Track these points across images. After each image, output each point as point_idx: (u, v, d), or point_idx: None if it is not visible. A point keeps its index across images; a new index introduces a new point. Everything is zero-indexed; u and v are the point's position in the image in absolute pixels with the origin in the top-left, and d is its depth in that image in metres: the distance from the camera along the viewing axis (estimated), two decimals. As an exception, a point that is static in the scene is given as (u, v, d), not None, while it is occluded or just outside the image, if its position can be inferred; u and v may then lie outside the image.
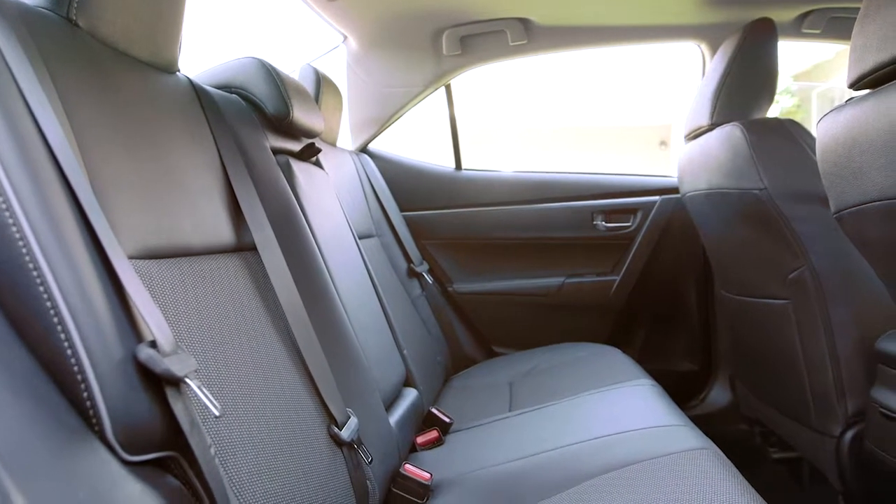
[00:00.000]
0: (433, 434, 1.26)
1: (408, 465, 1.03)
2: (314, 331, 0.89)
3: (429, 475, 1.02)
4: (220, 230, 0.81)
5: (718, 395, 1.96)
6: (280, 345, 0.82)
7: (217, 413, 0.52)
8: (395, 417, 1.15)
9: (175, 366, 0.50)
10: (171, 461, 0.50)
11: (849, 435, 1.28)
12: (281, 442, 0.71)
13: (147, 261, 0.64)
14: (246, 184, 0.90)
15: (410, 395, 1.30)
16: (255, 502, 0.62)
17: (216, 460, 0.55)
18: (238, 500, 0.60)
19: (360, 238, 1.47)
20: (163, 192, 0.70)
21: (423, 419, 1.34)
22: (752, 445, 1.81)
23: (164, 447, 0.49)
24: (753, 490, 0.79)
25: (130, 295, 0.51)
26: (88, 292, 0.47)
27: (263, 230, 0.88)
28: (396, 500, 0.99)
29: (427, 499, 0.99)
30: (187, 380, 0.51)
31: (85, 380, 0.44)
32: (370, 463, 0.90)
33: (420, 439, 1.24)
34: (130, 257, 0.61)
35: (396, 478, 1.01)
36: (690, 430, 1.00)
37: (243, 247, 0.86)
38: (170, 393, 0.50)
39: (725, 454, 0.91)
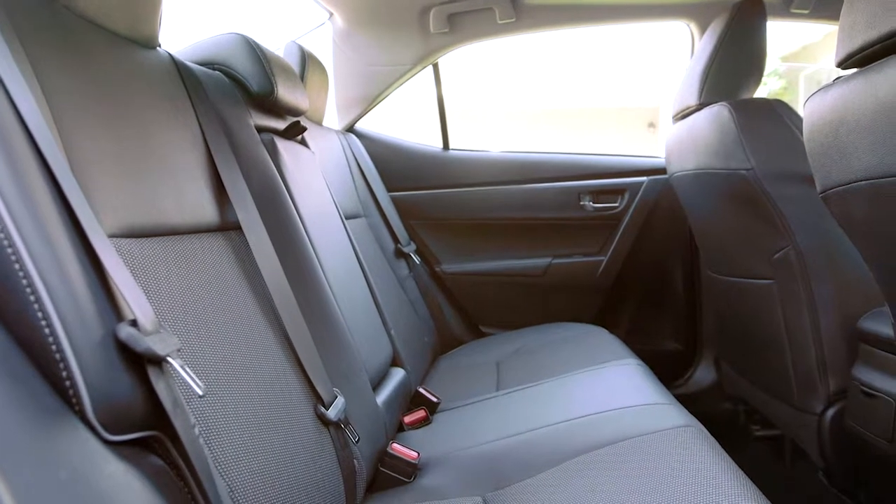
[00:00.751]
0: (420, 413, 1.26)
1: (395, 445, 1.04)
2: (300, 311, 0.88)
3: (416, 454, 1.02)
4: (204, 209, 0.80)
5: (703, 375, 1.98)
6: (265, 325, 0.81)
7: (201, 392, 0.51)
8: (382, 397, 1.15)
9: (157, 345, 0.49)
10: (155, 441, 0.50)
11: (830, 412, 1.30)
12: (267, 421, 0.71)
13: (128, 239, 0.63)
14: (230, 162, 0.89)
15: (398, 374, 1.31)
16: (240, 482, 0.61)
17: (200, 440, 0.54)
18: (224, 479, 0.59)
19: (346, 218, 1.46)
20: (144, 170, 0.69)
21: (410, 399, 1.34)
22: (736, 423, 1.84)
23: (146, 427, 0.49)
24: (736, 466, 0.80)
25: (110, 273, 0.50)
26: (66, 270, 0.46)
27: (248, 209, 0.87)
28: (384, 479, 1.00)
29: (414, 477, 1.00)
30: (169, 359, 0.50)
31: (64, 359, 0.43)
32: (357, 442, 0.90)
33: (407, 419, 1.25)
34: (111, 236, 0.60)
35: (384, 457, 1.01)
36: (675, 408, 1.01)
37: (227, 226, 0.84)
38: (152, 372, 0.49)
39: (710, 432, 0.92)
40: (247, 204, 0.88)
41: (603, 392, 1.15)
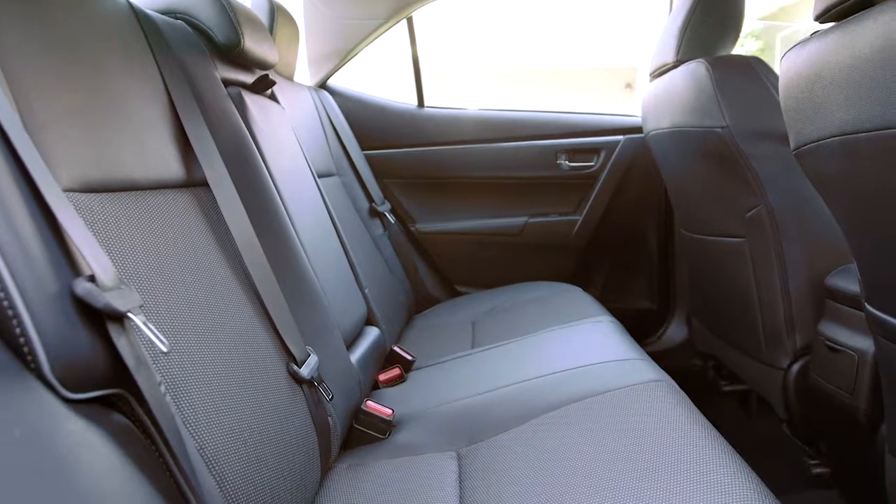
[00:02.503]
0: (395, 371, 1.27)
1: (370, 402, 1.04)
2: (271, 269, 0.87)
3: (390, 411, 1.02)
4: (168, 164, 0.77)
5: (675, 332, 2.01)
6: (235, 282, 0.80)
7: (165, 349, 0.50)
8: (356, 355, 1.15)
9: (117, 300, 0.47)
10: (119, 399, 0.49)
11: (795, 367, 1.34)
12: (237, 379, 0.70)
13: (86, 194, 0.60)
14: (194, 115, 0.85)
15: (372, 333, 1.30)
16: (211, 439, 0.61)
17: (167, 397, 0.53)
18: (193, 437, 0.59)
19: (319, 176, 1.44)
20: (101, 123, 0.66)
21: (385, 357, 1.34)
22: (705, 379, 1.88)
23: (108, 384, 0.47)
24: (705, 419, 0.82)
25: (64, 227, 0.48)
26: (16, 224, 0.44)
27: (215, 165, 0.85)
28: (359, 436, 1.00)
29: (389, 434, 1.00)
30: (130, 315, 0.48)
31: (17, 315, 0.42)
32: (331, 400, 0.90)
33: (382, 377, 1.25)
34: (67, 190, 0.57)
35: (358, 414, 1.02)
36: (647, 363, 1.03)
37: (194, 182, 0.82)
38: (112, 329, 0.47)
39: (680, 387, 0.94)
40: (214, 159, 0.85)
41: (576, 349, 1.16)
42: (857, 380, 1.14)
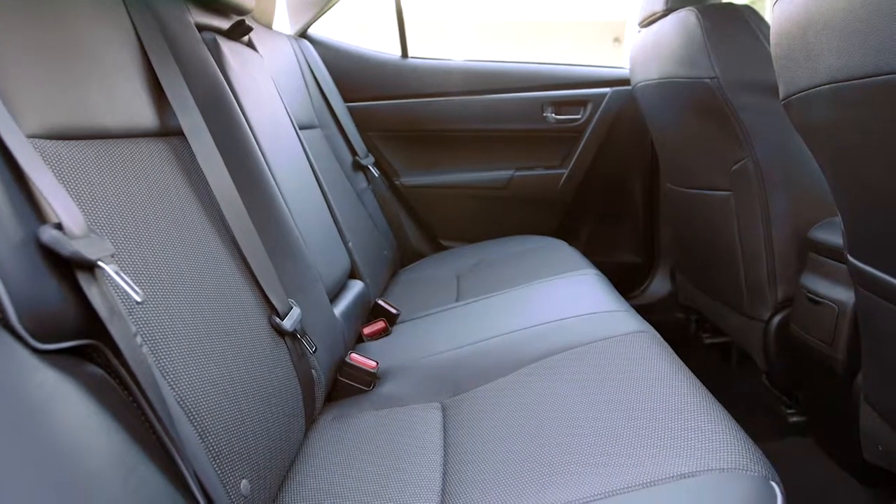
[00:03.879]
0: (379, 324, 1.26)
1: (354, 355, 1.04)
2: (251, 221, 0.85)
3: (375, 363, 1.02)
4: (141, 112, 0.74)
5: (659, 286, 2.03)
6: (214, 234, 0.78)
7: (139, 299, 0.49)
8: (339, 308, 1.14)
9: (86, 248, 0.46)
10: (93, 350, 0.48)
11: (776, 319, 1.35)
12: (218, 331, 0.69)
13: (54, 141, 0.58)
14: (167, 61, 0.82)
15: (356, 286, 1.29)
16: (191, 390, 0.60)
17: (144, 348, 0.52)
18: (172, 388, 0.58)
19: (300, 128, 1.40)
20: (67, 68, 0.63)
21: (369, 311, 1.34)
22: (687, 332, 1.91)
23: (81, 335, 0.46)
24: (687, 368, 0.82)
25: (28, 174, 0.45)
26: (-25, 168, 0.42)
27: (190, 114, 0.82)
28: (343, 388, 1.00)
29: (374, 386, 1.01)
30: (101, 263, 0.47)
31: None
32: (315, 352, 0.90)
33: (366, 330, 1.25)
34: (31, 136, 0.55)
35: (342, 366, 1.01)
36: (630, 314, 1.03)
37: (169, 131, 0.79)
38: (82, 278, 0.46)
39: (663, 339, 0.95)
40: (189, 108, 0.82)
41: (560, 301, 1.16)
42: (836, 331, 1.16)
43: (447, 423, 0.85)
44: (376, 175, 1.87)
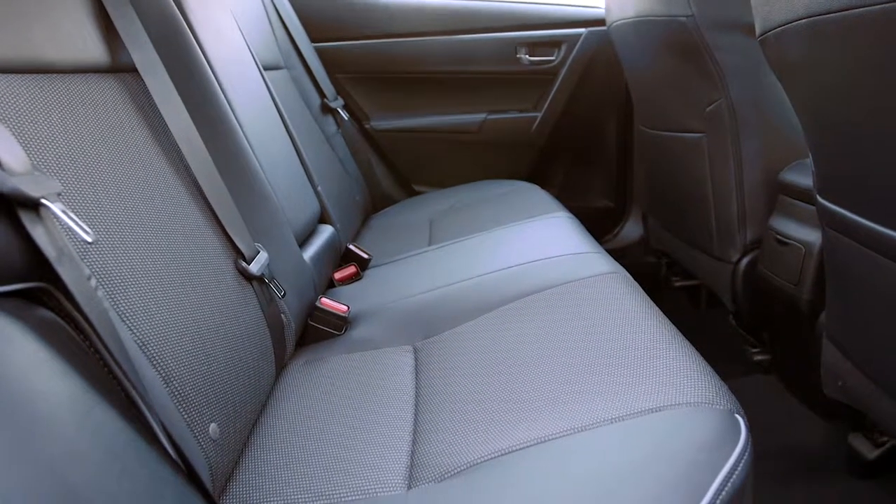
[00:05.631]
0: (351, 269, 1.25)
1: (324, 299, 1.02)
2: (213, 162, 0.81)
3: (346, 308, 1.01)
4: (88, 46, 0.69)
5: (631, 230, 2.04)
6: (174, 175, 0.75)
7: (89, 239, 0.46)
8: (309, 253, 1.12)
9: (27, 186, 0.43)
10: (43, 293, 0.45)
11: (745, 261, 1.37)
12: (180, 274, 0.67)
13: None
14: None
15: (326, 231, 1.27)
16: (153, 335, 0.58)
17: (99, 292, 0.50)
18: (133, 332, 0.56)
19: (265, 69, 1.35)
20: None
21: (340, 256, 1.32)
22: (658, 275, 1.93)
23: (28, 278, 0.44)
24: (656, 308, 0.83)
25: None
26: None
27: (143, 49, 0.77)
28: (314, 333, 1.00)
29: (345, 330, 1.00)
30: (46, 202, 0.44)
31: None
32: (283, 297, 0.88)
33: (337, 275, 1.23)
34: None
35: (313, 311, 1.00)
36: (602, 256, 1.03)
37: (121, 67, 0.75)
38: (26, 218, 0.43)
39: None
40: (142, 43, 0.77)
41: (532, 243, 1.16)
42: (802, 271, 1.18)
43: (419, 366, 0.85)
44: (346, 118, 1.82)
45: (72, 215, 0.46)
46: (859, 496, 1.07)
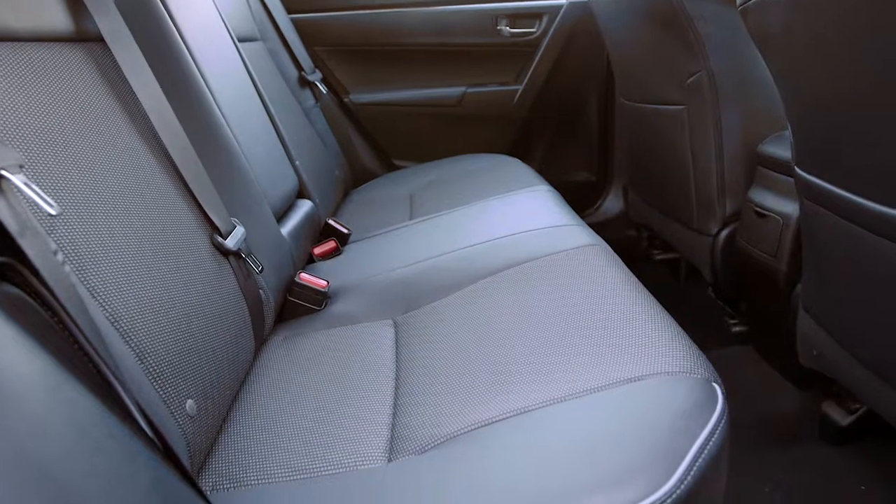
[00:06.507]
0: (330, 244, 1.24)
1: (303, 274, 1.01)
2: (186, 135, 0.79)
3: (325, 283, 1.00)
4: (50, 13, 0.67)
5: (612, 204, 2.04)
6: (145, 148, 0.73)
7: (52, 211, 0.45)
8: (287, 228, 1.11)
9: None
10: (7, 268, 0.44)
11: (724, 233, 1.38)
12: (153, 249, 0.65)
13: None
14: None
15: (304, 206, 1.26)
16: (125, 311, 0.57)
17: (66, 267, 0.49)
18: (104, 308, 0.55)
19: (239, 41, 1.31)
20: None
21: (320, 231, 1.31)
22: (639, 249, 1.94)
23: (-9, 252, 0.42)
24: (636, 279, 0.83)
25: None
26: None
27: (110, 16, 0.74)
28: (293, 308, 0.99)
29: (325, 305, 0.99)
30: (6, 173, 0.42)
31: None
32: (261, 272, 0.87)
33: (317, 250, 1.22)
34: None
35: (292, 287, 0.99)
36: (582, 228, 1.03)
37: (87, 36, 0.72)
38: (-16, 189, 0.42)
39: None
40: (108, 9, 0.74)
41: (513, 217, 1.15)
42: (779, 243, 1.19)
43: (399, 339, 0.84)
44: (324, 92, 1.79)
45: (35, 188, 0.44)
46: (832, 461, 1.09)
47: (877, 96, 0.68)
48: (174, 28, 0.93)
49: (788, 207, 1.17)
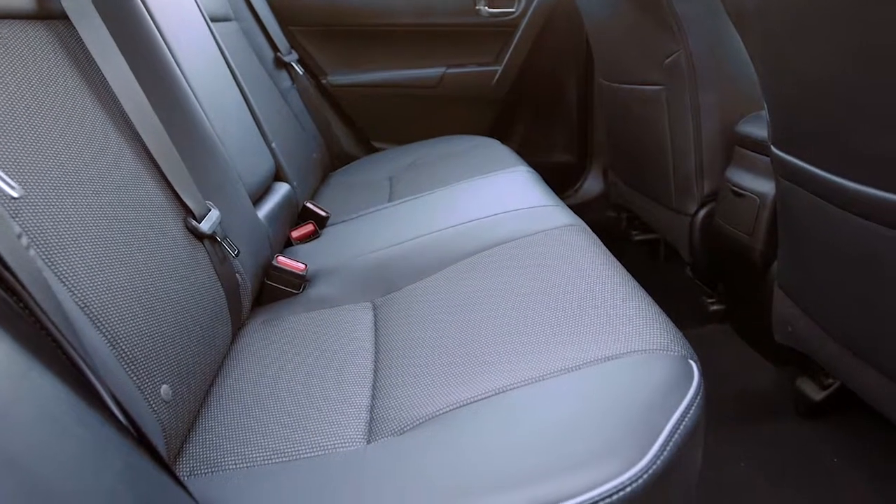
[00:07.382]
0: (308, 227, 1.22)
1: (281, 258, 1.00)
2: (157, 116, 0.77)
3: (303, 266, 0.99)
4: None
5: (592, 186, 2.05)
6: (114, 129, 0.71)
7: (14, 194, 0.44)
8: (263, 211, 1.10)
9: None
10: (-32, 252, 0.42)
11: (702, 213, 1.39)
12: (124, 233, 0.64)
13: None
14: None
15: (282, 189, 1.24)
16: (95, 295, 0.56)
17: (31, 251, 0.47)
18: (73, 293, 0.54)
19: (212, 20, 1.28)
20: None
21: (297, 214, 1.29)
22: (618, 230, 1.95)
23: (-50, 236, 0.41)
24: (615, 259, 0.83)
25: None
26: None
27: None
28: (271, 292, 0.98)
29: (303, 289, 0.98)
30: None
31: None
32: (237, 255, 0.86)
33: (295, 233, 1.21)
34: None
35: (270, 270, 0.98)
36: (562, 209, 1.03)
37: (49, 14, 0.70)
38: (-58, 170, 0.40)
39: None
40: None
41: (492, 198, 1.15)
42: (756, 222, 1.20)
43: (378, 322, 0.84)
44: (301, 73, 1.76)
45: (-5, 169, 0.43)
46: (806, 435, 1.11)
47: (853, 75, 0.68)
48: (143, 6, 0.91)
49: (765, 187, 1.18)
